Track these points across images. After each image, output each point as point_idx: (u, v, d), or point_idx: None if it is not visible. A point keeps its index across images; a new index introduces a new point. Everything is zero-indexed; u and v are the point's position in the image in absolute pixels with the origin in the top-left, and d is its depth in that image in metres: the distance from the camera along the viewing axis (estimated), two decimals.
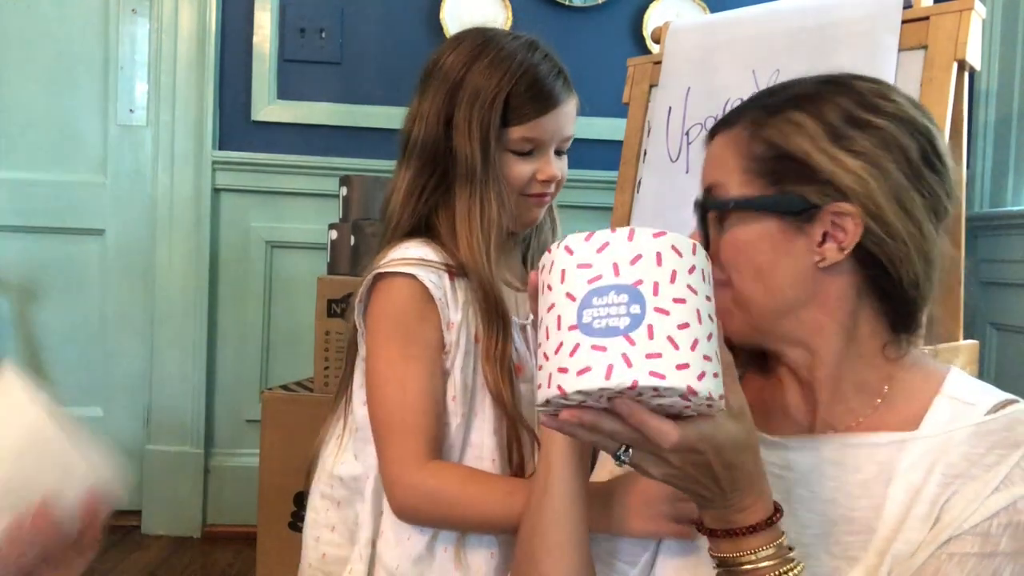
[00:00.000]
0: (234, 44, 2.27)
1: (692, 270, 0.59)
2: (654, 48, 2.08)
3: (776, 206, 0.71)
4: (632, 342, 0.56)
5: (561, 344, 0.58)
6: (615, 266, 0.58)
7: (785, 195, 0.70)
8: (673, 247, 0.59)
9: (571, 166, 1.09)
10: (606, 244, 0.59)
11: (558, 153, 1.06)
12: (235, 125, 2.28)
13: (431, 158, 1.03)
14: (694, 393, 0.55)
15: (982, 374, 1.70)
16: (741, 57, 1.60)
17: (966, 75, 1.39)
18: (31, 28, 2.25)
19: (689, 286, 0.58)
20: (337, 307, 1.71)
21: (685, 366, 0.56)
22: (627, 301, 0.57)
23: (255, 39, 2.26)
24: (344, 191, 1.87)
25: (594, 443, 0.62)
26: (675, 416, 0.58)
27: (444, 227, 1.01)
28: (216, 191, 2.27)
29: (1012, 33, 1.90)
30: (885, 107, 0.72)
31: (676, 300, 0.57)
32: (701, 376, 0.56)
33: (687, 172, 1.65)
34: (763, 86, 1.55)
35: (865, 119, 0.71)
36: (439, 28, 2.23)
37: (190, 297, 2.25)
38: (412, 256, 0.98)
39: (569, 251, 0.61)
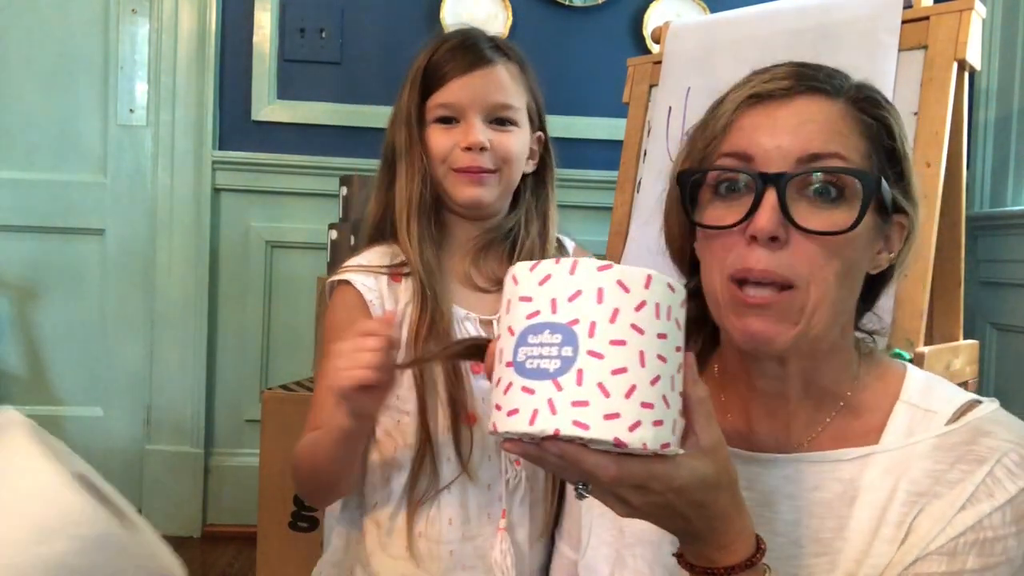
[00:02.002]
0: (234, 44, 2.27)
1: (641, 307, 0.54)
2: (654, 48, 2.08)
3: (891, 200, 0.66)
4: (559, 387, 0.52)
5: (500, 379, 0.56)
6: (553, 302, 0.55)
7: (890, 192, 0.66)
8: (619, 282, 0.54)
9: (571, 166, 1.09)
10: (548, 277, 0.56)
11: (497, 124, 1.01)
12: (235, 125, 2.28)
13: (385, 155, 1.05)
14: (623, 445, 0.52)
15: (982, 374, 1.71)
16: (741, 57, 1.60)
17: (966, 75, 1.39)
18: (31, 28, 2.25)
19: (634, 326, 0.54)
20: None
21: (614, 416, 0.52)
22: (560, 342, 0.54)
23: (255, 39, 2.26)
24: (344, 191, 1.87)
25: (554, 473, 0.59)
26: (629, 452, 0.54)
27: (395, 220, 1.02)
28: (216, 191, 2.27)
29: (1012, 33, 1.90)
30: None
31: (614, 342, 0.53)
32: (635, 426, 0.52)
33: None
34: None
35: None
36: (439, 28, 2.22)
37: (190, 297, 2.25)
38: (354, 263, 1.01)
39: (515, 281, 0.58)
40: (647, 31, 2.24)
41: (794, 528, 0.68)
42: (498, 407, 0.55)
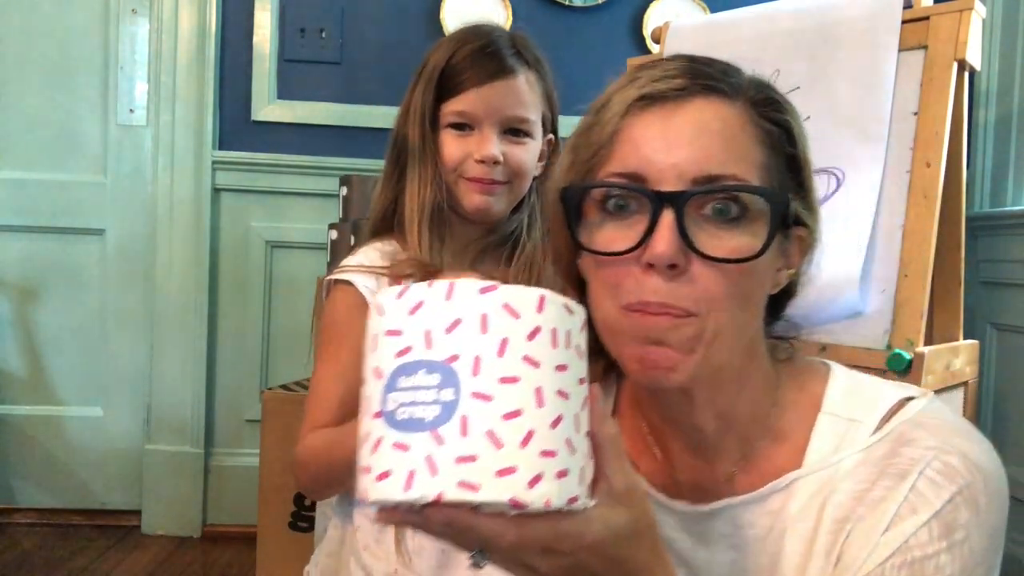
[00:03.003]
0: (234, 44, 2.27)
1: (535, 334, 0.46)
2: (654, 48, 2.08)
3: (790, 219, 0.59)
4: (440, 440, 0.43)
5: (368, 434, 0.46)
6: (428, 335, 0.46)
7: (791, 206, 0.59)
8: (506, 307, 0.46)
9: None
10: (419, 304, 0.46)
11: (512, 134, 1.00)
12: (235, 125, 2.28)
13: (394, 150, 1.04)
14: (522, 505, 0.43)
15: (982, 374, 1.71)
16: (741, 57, 1.60)
17: (966, 75, 1.39)
18: (31, 28, 2.25)
19: (527, 358, 0.45)
20: None
21: (509, 470, 0.43)
22: (438, 383, 0.44)
23: (255, 39, 2.26)
24: (344, 191, 1.87)
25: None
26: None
27: (403, 219, 1.01)
28: (216, 191, 2.27)
29: (1012, 33, 1.90)
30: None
31: (505, 379, 0.44)
32: (535, 480, 0.43)
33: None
34: None
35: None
36: (439, 28, 2.23)
37: (190, 297, 2.25)
38: (354, 263, 1.00)
39: (380, 311, 0.49)
40: (647, 31, 2.24)
41: (731, 569, 0.63)
42: (367, 469, 0.45)
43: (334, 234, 1.83)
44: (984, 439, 0.61)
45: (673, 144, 0.57)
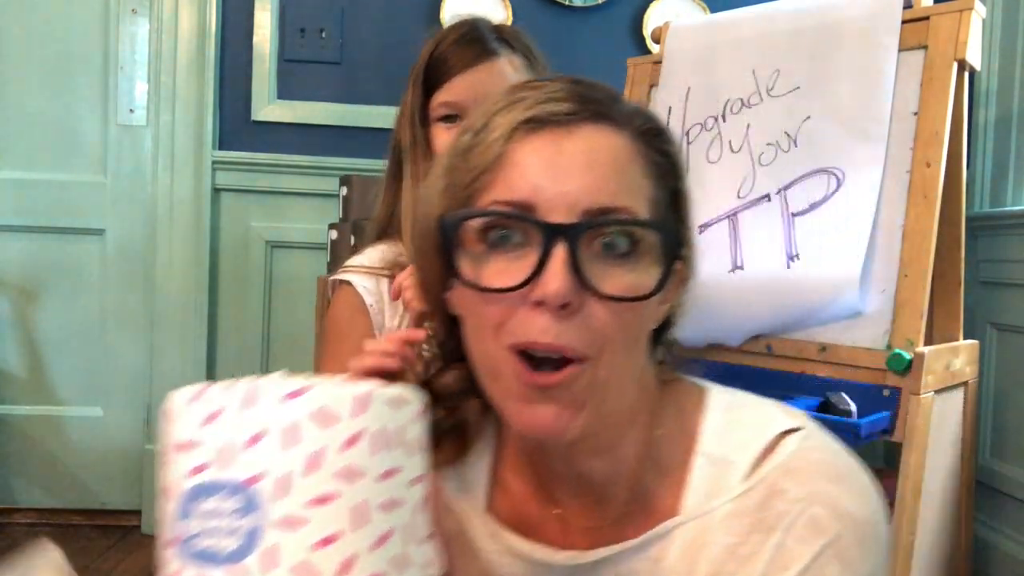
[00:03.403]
0: (234, 44, 2.27)
1: (355, 441, 0.40)
2: (654, 48, 2.08)
3: (679, 253, 0.57)
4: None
5: (164, 564, 0.41)
6: (225, 450, 0.40)
7: (681, 240, 0.57)
8: (318, 413, 0.40)
9: None
10: (216, 413, 0.41)
11: None
12: (235, 125, 2.28)
13: (392, 153, 1.04)
14: None
15: (982, 374, 1.71)
16: (741, 57, 1.60)
17: (966, 75, 1.39)
18: (31, 28, 2.25)
19: (345, 470, 0.40)
20: None
21: None
22: (239, 508, 0.39)
23: (255, 39, 2.25)
24: (344, 191, 1.87)
25: None
26: None
27: (399, 220, 1.01)
28: (216, 191, 2.27)
29: (1012, 33, 1.90)
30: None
31: (317, 500, 0.39)
32: None
33: (687, 172, 1.65)
34: (763, 86, 1.56)
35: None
36: (439, 28, 2.22)
37: (190, 297, 2.25)
38: (355, 263, 1.01)
39: (171, 416, 0.43)
40: (647, 31, 2.24)
41: None
42: None
43: (334, 234, 1.83)
44: (861, 480, 0.57)
45: (564, 172, 0.53)
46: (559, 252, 0.51)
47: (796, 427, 0.58)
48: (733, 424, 0.60)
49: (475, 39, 1.01)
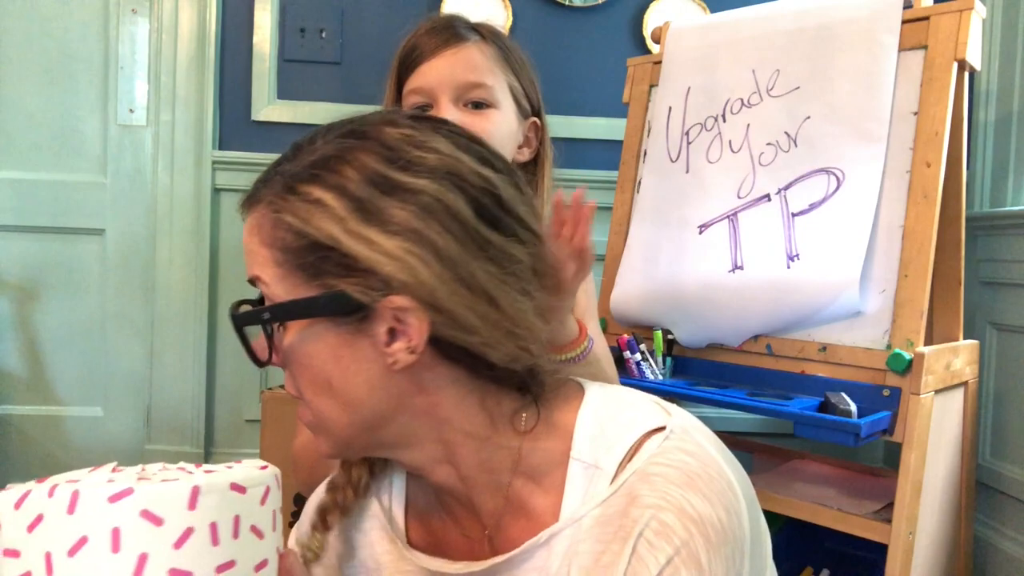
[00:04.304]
0: (234, 44, 2.26)
1: (185, 538, 0.40)
2: (654, 48, 2.08)
3: (319, 308, 0.57)
4: None
5: None
6: (48, 559, 0.39)
7: (328, 293, 0.56)
8: (144, 514, 0.39)
9: (571, 166, 1.09)
10: (39, 518, 0.39)
11: (474, 107, 0.97)
12: (235, 125, 2.28)
13: None
14: None
15: (982, 374, 1.71)
16: (741, 57, 1.60)
17: (966, 75, 1.39)
18: (31, 28, 2.25)
19: (176, 571, 0.39)
20: None
21: None
22: None
23: (255, 39, 2.25)
24: None
25: None
26: None
27: None
28: (216, 191, 2.27)
29: (1012, 33, 1.90)
30: (422, 160, 0.58)
31: None
32: None
33: (687, 172, 1.66)
34: (763, 86, 1.56)
35: (398, 181, 0.57)
36: None
37: (190, 297, 2.25)
38: None
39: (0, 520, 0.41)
40: (647, 31, 2.24)
41: None
42: None
43: None
44: (718, 482, 0.57)
45: None
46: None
47: (659, 427, 0.59)
48: (604, 427, 0.61)
49: (445, 27, 1.01)
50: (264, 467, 0.49)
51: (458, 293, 0.56)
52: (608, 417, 0.61)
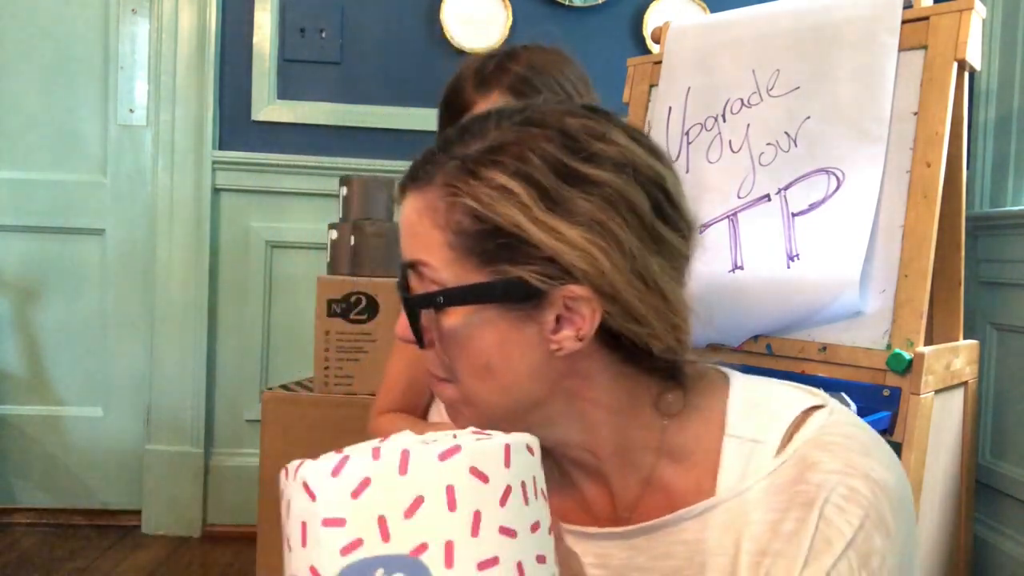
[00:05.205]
0: (234, 44, 2.27)
1: (507, 496, 0.40)
2: (654, 48, 2.08)
3: (494, 294, 0.57)
4: None
5: None
6: (382, 523, 0.38)
7: (504, 279, 0.57)
8: (472, 471, 0.39)
9: None
10: (366, 482, 0.38)
11: None
12: (235, 125, 2.28)
13: None
14: None
15: (982, 374, 1.71)
16: (741, 57, 1.60)
17: (966, 75, 1.39)
18: (31, 28, 2.25)
19: (504, 529, 0.39)
20: (337, 307, 1.71)
21: None
22: None
23: (255, 39, 2.25)
24: (344, 191, 1.86)
25: None
26: None
27: None
28: (216, 191, 2.27)
29: (1012, 33, 1.90)
30: (604, 152, 0.58)
31: (484, 564, 0.38)
32: None
33: (687, 172, 1.65)
34: (763, 86, 1.56)
35: (582, 173, 0.57)
36: (439, 28, 2.22)
37: (190, 297, 2.25)
38: None
39: (309, 492, 0.40)
40: (647, 31, 2.24)
41: None
42: None
43: (334, 234, 1.83)
44: (886, 450, 0.60)
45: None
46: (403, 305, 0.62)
47: (820, 404, 0.61)
48: (757, 404, 0.62)
49: (457, 89, 1.05)
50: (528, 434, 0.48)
51: (633, 284, 0.57)
52: (761, 397, 0.63)
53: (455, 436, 0.42)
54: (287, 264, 2.30)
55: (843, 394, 1.30)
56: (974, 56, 1.37)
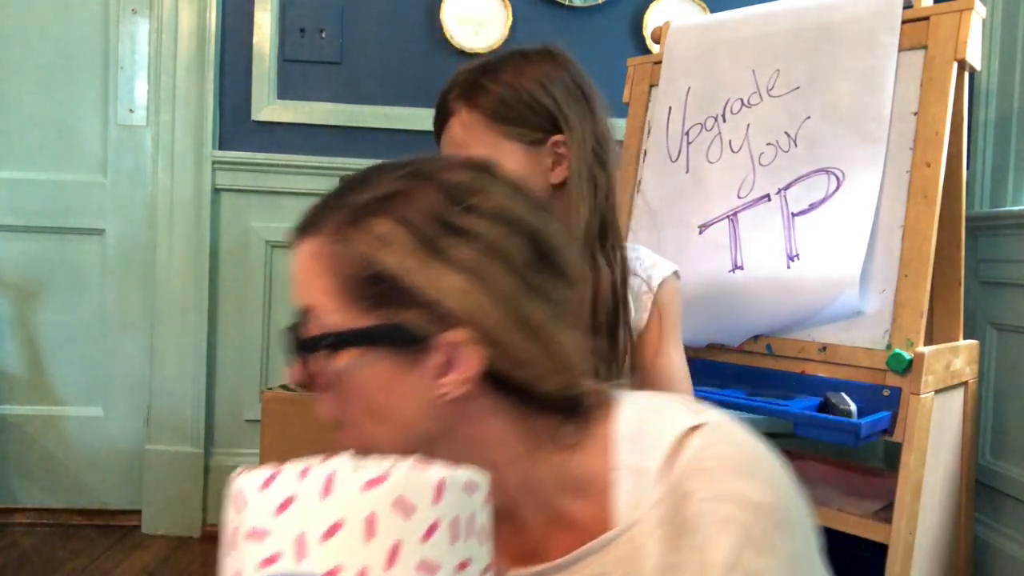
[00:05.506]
0: (234, 44, 2.26)
1: (432, 531, 0.40)
2: (654, 48, 2.08)
3: (378, 339, 0.59)
4: None
5: None
6: (301, 541, 0.38)
7: (388, 324, 0.58)
8: (397, 503, 0.39)
9: None
10: (290, 500, 0.39)
11: None
12: (235, 125, 2.28)
13: None
14: None
15: (982, 374, 1.71)
16: (741, 57, 1.60)
17: (966, 75, 1.39)
18: (31, 28, 2.25)
19: (426, 562, 0.39)
20: None
21: None
22: None
23: (255, 39, 2.25)
24: None
25: None
26: None
27: None
28: (216, 191, 2.27)
29: (1012, 33, 1.90)
30: (483, 205, 0.60)
31: None
32: None
33: (687, 172, 1.66)
34: (763, 86, 1.56)
35: (462, 224, 0.59)
36: (439, 28, 2.22)
37: (190, 297, 2.25)
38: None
39: (240, 503, 0.42)
40: (647, 31, 2.24)
41: None
42: None
43: None
44: (765, 466, 0.58)
45: None
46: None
47: (699, 424, 0.60)
48: (641, 432, 0.62)
49: (439, 106, 1.07)
50: (478, 471, 0.48)
51: (513, 330, 0.59)
52: (645, 421, 0.63)
53: (393, 463, 0.42)
54: (287, 264, 2.29)
55: (843, 394, 1.30)
56: (974, 56, 1.37)
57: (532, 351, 0.60)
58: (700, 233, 1.59)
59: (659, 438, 0.60)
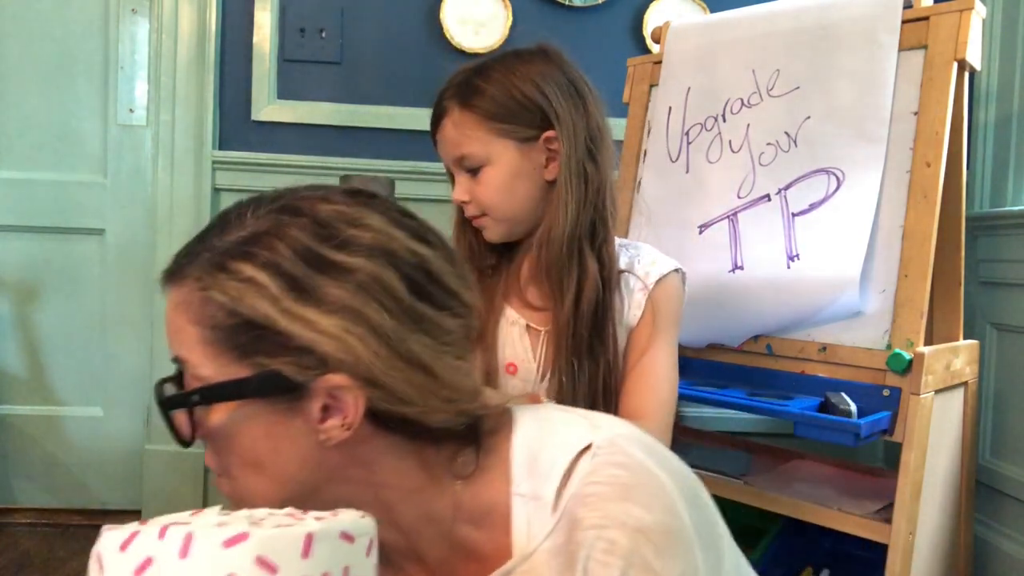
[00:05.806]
0: (234, 44, 2.26)
1: None
2: (654, 48, 2.08)
3: (252, 389, 0.56)
4: None
5: None
6: None
7: (262, 373, 0.56)
8: (259, 561, 0.38)
9: None
10: (148, 561, 0.38)
11: (470, 172, 1.05)
12: (235, 125, 2.28)
13: None
14: None
15: (982, 374, 1.71)
16: (741, 57, 1.60)
17: (966, 75, 1.39)
18: (31, 28, 2.25)
19: None
20: None
21: None
22: None
23: (255, 39, 2.25)
24: None
25: None
26: None
27: None
28: (216, 191, 2.27)
29: (1012, 33, 1.90)
30: (356, 238, 0.58)
31: None
32: None
33: (687, 172, 1.66)
34: (763, 86, 1.56)
35: (333, 260, 0.56)
36: (439, 28, 2.22)
37: None
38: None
39: (101, 564, 0.41)
40: (647, 31, 2.24)
41: None
42: None
43: None
44: (649, 487, 0.57)
45: None
46: None
47: (587, 445, 0.59)
48: (536, 458, 0.60)
49: (434, 108, 1.08)
50: (363, 515, 0.47)
51: (395, 367, 0.56)
52: (539, 444, 0.61)
53: (263, 518, 0.42)
54: None
55: (843, 394, 1.30)
56: (974, 56, 1.37)
57: (416, 386, 0.57)
58: (700, 233, 1.59)
59: (553, 463, 0.59)
